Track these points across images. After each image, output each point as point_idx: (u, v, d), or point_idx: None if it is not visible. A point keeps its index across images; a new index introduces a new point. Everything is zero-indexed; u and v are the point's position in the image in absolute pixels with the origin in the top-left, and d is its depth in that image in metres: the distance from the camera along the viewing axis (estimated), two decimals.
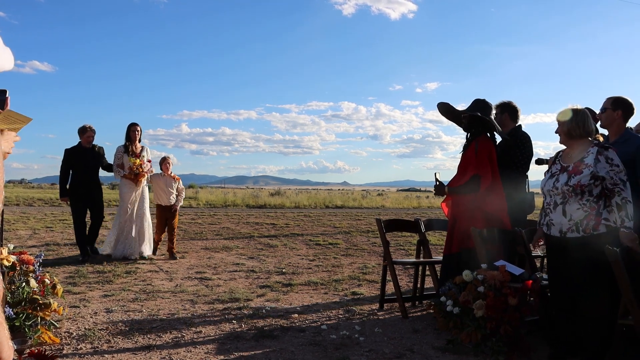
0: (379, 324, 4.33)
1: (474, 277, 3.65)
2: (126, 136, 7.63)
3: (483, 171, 4.21)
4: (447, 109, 4.67)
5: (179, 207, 7.84)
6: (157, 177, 7.74)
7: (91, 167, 7.30)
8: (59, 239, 9.03)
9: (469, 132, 4.47)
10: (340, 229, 12.03)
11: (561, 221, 3.37)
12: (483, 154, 4.24)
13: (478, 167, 4.23)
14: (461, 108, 4.63)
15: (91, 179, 7.32)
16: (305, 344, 3.71)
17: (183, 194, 7.97)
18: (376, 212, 17.24)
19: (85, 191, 7.19)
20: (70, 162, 7.26)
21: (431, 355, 3.55)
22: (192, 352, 3.49)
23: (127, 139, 7.60)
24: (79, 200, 7.18)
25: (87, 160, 7.27)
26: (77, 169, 7.24)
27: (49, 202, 17.80)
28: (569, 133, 3.43)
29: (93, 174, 7.37)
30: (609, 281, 3.18)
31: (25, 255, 3.63)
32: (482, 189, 4.21)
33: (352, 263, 7.60)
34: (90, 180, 7.30)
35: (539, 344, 3.72)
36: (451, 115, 4.69)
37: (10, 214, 12.54)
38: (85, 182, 7.22)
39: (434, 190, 4.59)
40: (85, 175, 7.24)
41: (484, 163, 4.22)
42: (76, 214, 7.20)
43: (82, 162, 7.22)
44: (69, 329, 3.90)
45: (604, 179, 3.26)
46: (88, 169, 7.26)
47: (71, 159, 7.26)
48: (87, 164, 7.25)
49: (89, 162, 7.27)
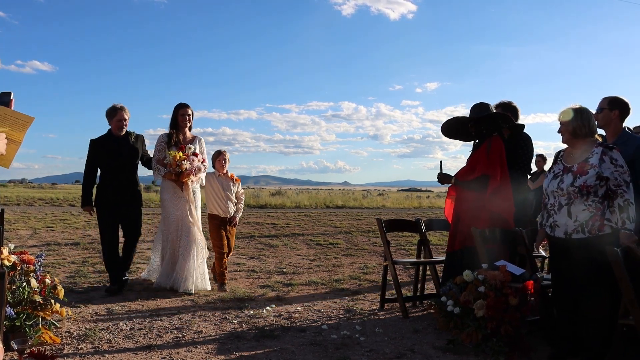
0: (379, 324, 4.33)
1: (474, 277, 3.65)
2: (171, 122, 5.54)
3: (493, 172, 4.18)
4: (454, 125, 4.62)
5: (238, 220, 5.93)
6: (210, 178, 5.76)
7: (125, 162, 5.32)
8: (60, 239, 9.04)
9: (481, 135, 4.44)
10: (340, 228, 12.03)
11: (566, 222, 3.35)
12: (495, 154, 4.22)
13: (488, 167, 4.20)
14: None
15: (125, 180, 5.33)
16: (305, 343, 3.71)
17: (243, 201, 6.01)
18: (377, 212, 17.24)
19: (118, 197, 5.25)
20: (97, 158, 5.31)
21: (432, 355, 3.55)
22: (193, 352, 3.49)
23: (173, 125, 5.52)
24: (109, 209, 5.26)
25: (120, 154, 5.28)
26: (106, 166, 5.30)
27: (50, 202, 17.82)
28: (574, 132, 3.40)
29: (128, 173, 5.36)
30: (611, 282, 3.18)
31: (26, 255, 3.63)
32: (489, 190, 4.18)
33: (352, 263, 7.60)
34: (124, 182, 5.32)
35: (539, 344, 3.72)
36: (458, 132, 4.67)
37: (11, 214, 12.55)
38: (117, 185, 5.26)
39: (438, 177, 4.56)
40: (117, 174, 5.28)
41: (495, 164, 4.20)
42: (104, 227, 5.28)
43: (113, 156, 5.26)
44: (70, 328, 3.90)
45: (608, 179, 3.26)
46: (121, 165, 5.29)
47: (98, 152, 5.29)
48: (119, 159, 5.27)
49: (122, 157, 5.29)
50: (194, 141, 5.56)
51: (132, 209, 5.36)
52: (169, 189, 5.40)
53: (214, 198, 5.71)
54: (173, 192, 5.39)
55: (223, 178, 5.77)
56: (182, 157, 5.27)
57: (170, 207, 5.39)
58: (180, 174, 5.28)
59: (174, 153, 5.27)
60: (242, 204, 5.96)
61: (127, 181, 5.32)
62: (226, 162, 5.82)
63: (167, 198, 5.41)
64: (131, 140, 5.40)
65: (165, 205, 5.43)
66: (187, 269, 5.30)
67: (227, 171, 5.86)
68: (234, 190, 5.83)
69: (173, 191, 5.39)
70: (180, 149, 5.35)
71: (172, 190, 5.39)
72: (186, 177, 5.31)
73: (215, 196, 5.70)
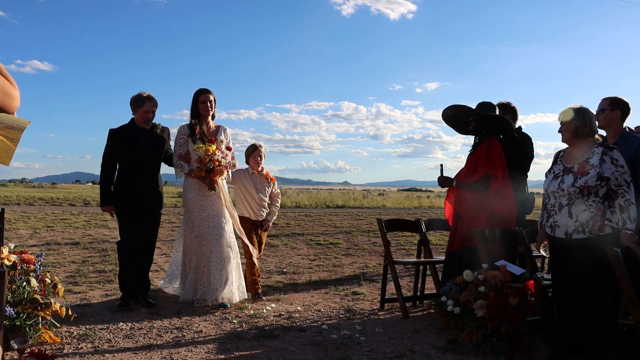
0: (379, 323, 4.33)
1: (474, 277, 3.65)
2: (192, 111, 4.82)
3: (495, 172, 4.18)
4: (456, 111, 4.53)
5: (271, 224, 5.28)
6: (242, 175, 5.03)
7: (148, 158, 4.65)
8: (60, 239, 9.03)
9: (479, 133, 4.42)
10: (341, 228, 12.03)
11: (567, 223, 3.35)
12: (495, 155, 4.22)
13: (490, 167, 4.19)
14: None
15: (149, 178, 4.68)
16: (306, 343, 3.71)
17: (279, 203, 5.30)
18: (377, 212, 17.23)
19: (140, 196, 4.59)
20: (117, 151, 4.62)
21: (432, 355, 3.55)
22: (193, 351, 3.49)
23: (194, 114, 4.79)
24: (129, 210, 4.61)
25: (142, 147, 4.62)
26: (128, 161, 4.62)
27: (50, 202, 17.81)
28: (576, 132, 3.39)
29: (152, 171, 4.71)
30: (612, 282, 3.18)
31: (26, 255, 3.63)
32: (492, 190, 4.17)
33: (352, 263, 7.60)
34: (148, 180, 4.67)
35: (540, 343, 3.73)
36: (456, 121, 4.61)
37: (11, 213, 12.55)
38: (139, 184, 4.61)
39: (439, 181, 4.55)
40: (141, 171, 4.62)
41: (496, 164, 4.20)
42: (125, 231, 4.65)
43: (136, 150, 4.59)
44: (70, 328, 3.90)
45: (609, 179, 3.26)
46: (145, 161, 4.63)
47: (118, 145, 4.60)
48: (143, 154, 4.62)
49: (146, 151, 4.63)
50: (219, 131, 4.87)
51: (152, 212, 4.68)
52: (194, 188, 4.72)
53: (245, 199, 5.03)
54: (199, 192, 4.72)
55: (257, 177, 5.07)
56: (215, 149, 4.60)
57: (195, 208, 4.70)
58: (211, 171, 4.59)
59: (205, 147, 4.58)
60: (277, 206, 5.24)
61: (151, 179, 4.68)
62: (262, 158, 5.06)
63: (192, 197, 4.72)
64: (157, 132, 4.72)
65: (189, 206, 4.74)
66: (222, 278, 4.61)
67: (263, 169, 5.11)
68: (268, 191, 5.14)
69: (199, 191, 4.72)
70: (211, 141, 4.69)
71: (197, 189, 4.72)
72: (219, 174, 4.62)
73: (246, 197, 5.03)
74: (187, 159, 4.76)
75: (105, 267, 6.52)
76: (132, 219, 4.61)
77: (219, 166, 4.60)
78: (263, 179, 5.12)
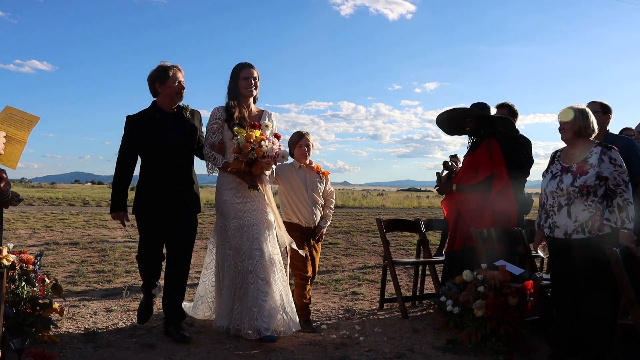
0: (379, 323, 4.33)
1: (474, 277, 3.65)
2: (230, 90, 3.83)
3: (499, 171, 4.18)
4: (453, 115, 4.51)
5: (325, 231, 4.21)
6: (287, 171, 4.06)
7: (178, 148, 3.64)
8: (59, 239, 9.02)
9: (477, 135, 4.42)
10: (340, 228, 12.02)
11: (566, 223, 3.34)
12: (496, 155, 4.22)
13: (493, 167, 4.19)
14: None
15: (181, 175, 3.70)
16: (305, 343, 3.71)
17: (333, 205, 4.28)
18: (376, 212, 17.23)
19: (169, 199, 3.61)
20: (137, 142, 3.64)
21: (431, 355, 3.55)
22: (193, 351, 3.48)
23: (233, 95, 3.80)
24: (156, 218, 3.63)
25: (173, 137, 3.62)
26: (151, 152, 3.65)
27: (49, 202, 17.81)
28: (579, 132, 3.38)
29: (184, 165, 3.74)
30: (612, 282, 3.18)
31: (25, 255, 3.63)
32: (497, 189, 4.16)
33: (352, 263, 7.61)
34: (180, 178, 3.69)
35: (539, 343, 3.73)
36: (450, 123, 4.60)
37: (10, 213, 12.53)
38: (169, 183, 3.61)
39: (438, 189, 4.56)
40: (170, 166, 3.63)
41: (498, 163, 4.20)
42: (148, 244, 3.71)
43: (160, 138, 3.58)
44: (69, 328, 3.90)
45: (607, 179, 3.26)
46: (172, 151, 3.61)
47: (138, 135, 3.61)
48: (169, 142, 3.60)
49: (172, 138, 3.62)
50: (263, 116, 3.85)
51: (185, 219, 3.70)
52: (231, 187, 3.75)
53: (293, 201, 4.02)
54: (237, 191, 3.74)
55: (306, 171, 4.08)
56: (260, 137, 3.56)
57: (231, 214, 3.72)
58: (254, 163, 3.55)
59: (246, 132, 3.55)
60: (331, 209, 4.23)
61: (180, 176, 3.68)
62: (310, 148, 4.08)
63: (228, 200, 3.74)
64: (186, 116, 3.72)
65: (224, 210, 3.76)
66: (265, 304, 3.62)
67: (311, 162, 4.16)
68: (320, 188, 4.12)
69: (237, 189, 3.74)
70: (254, 126, 3.64)
71: (236, 187, 3.74)
72: (265, 168, 3.62)
73: (294, 198, 4.01)
74: (222, 149, 3.75)
75: (105, 267, 6.51)
76: (160, 229, 3.65)
77: (265, 157, 3.55)
78: (314, 173, 4.12)
